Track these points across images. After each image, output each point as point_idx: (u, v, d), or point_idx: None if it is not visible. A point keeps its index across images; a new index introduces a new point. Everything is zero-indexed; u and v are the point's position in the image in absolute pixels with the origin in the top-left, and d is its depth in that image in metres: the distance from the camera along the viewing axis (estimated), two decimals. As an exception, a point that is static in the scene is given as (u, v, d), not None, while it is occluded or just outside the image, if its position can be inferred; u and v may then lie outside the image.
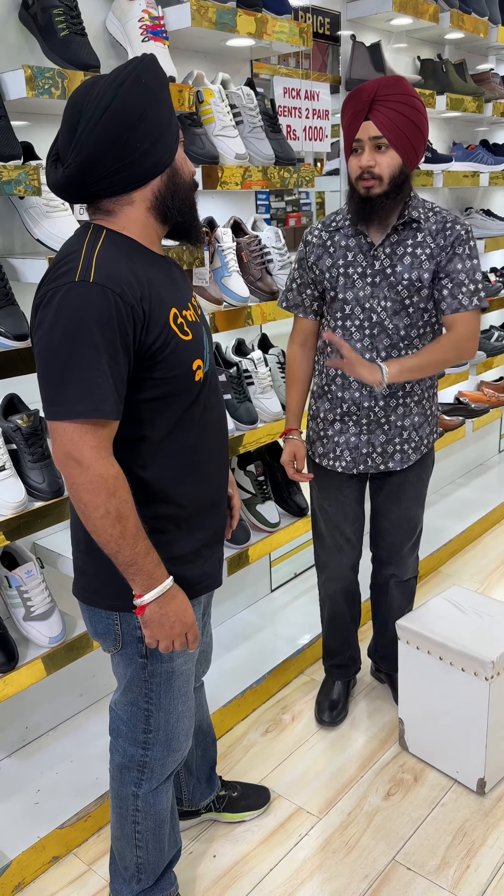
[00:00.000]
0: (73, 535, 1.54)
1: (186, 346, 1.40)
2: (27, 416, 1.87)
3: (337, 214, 2.08)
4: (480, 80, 3.54)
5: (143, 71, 1.31)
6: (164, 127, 1.34)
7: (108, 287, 1.27)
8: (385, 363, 1.95)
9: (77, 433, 1.27)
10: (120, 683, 1.59)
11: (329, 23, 2.88)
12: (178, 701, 1.58)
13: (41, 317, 1.30)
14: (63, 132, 1.33)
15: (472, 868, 1.92)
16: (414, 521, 2.31)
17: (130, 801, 1.63)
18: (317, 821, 2.09)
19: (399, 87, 1.87)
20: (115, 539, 1.32)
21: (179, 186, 1.40)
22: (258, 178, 2.27)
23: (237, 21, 2.10)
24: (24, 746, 2.25)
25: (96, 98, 1.28)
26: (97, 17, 2.02)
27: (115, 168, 1.31)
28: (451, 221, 2.00)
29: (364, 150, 1.90)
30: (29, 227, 1.85)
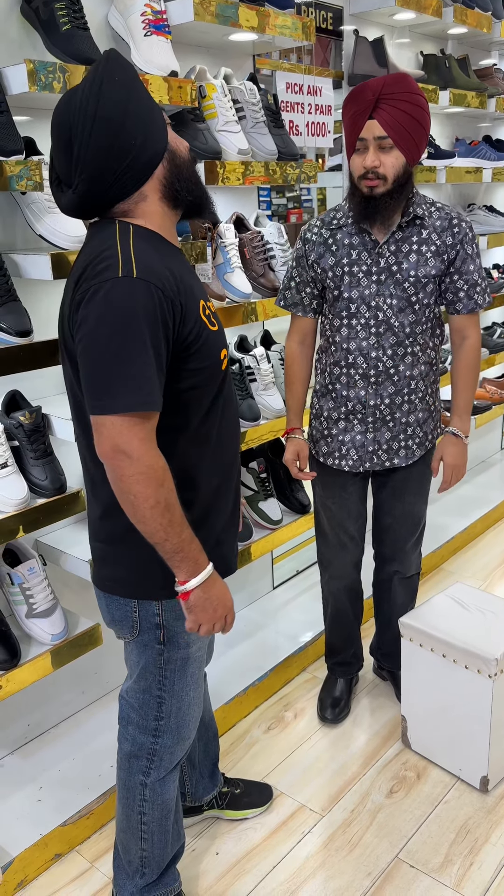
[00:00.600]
0: (93, 526, 1.55)
1: (215, 336, 1.45)
2: (29, 413, 1.87)
3: (336, 212, 2.06)
4: (483, 76, 3.53)
5: (113, 68, 1.32)
6: (149, 116, 1.35)
7: (151, 282, 1.30)
8: (453, 428, 2.16)
9: (126, 426, 1.29)
10: (132, 671, 1.61)
11: (332, 17, 2.86)
12: (190, 688, 1.61)
13: (85, 313, 1.30)
14: (59, 154, 1.34)
15: (476, 866, 1.92)
16: (417, 516, 2.30)
17: (138, 790, 1.65)
18: (319, 818, 2.08)
19: (404, 84, 1.84)
20: (164, 528, 1.34)
21: (181, 166, 1.41)
22: (260, 173, 2.26)
23: (240, 15, 2.09)
24: (27, 743, 2.24)
25: (79, 110, 1.29)
26: (99, 11, 2.01)
27: (120, 172, 1.33)
28: (455, 218, 2.01)
29: (368, 150, 1.88)
30: (31, 223, 1.84)
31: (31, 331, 1.78)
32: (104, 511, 1.47)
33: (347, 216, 2.02)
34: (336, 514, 2.26)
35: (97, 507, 1.50)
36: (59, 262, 1.76)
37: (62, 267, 1.77)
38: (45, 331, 2.04)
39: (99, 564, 1.56)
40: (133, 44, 1.96)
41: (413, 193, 1.99)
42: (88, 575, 1.98)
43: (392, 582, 2.39)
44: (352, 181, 1.97)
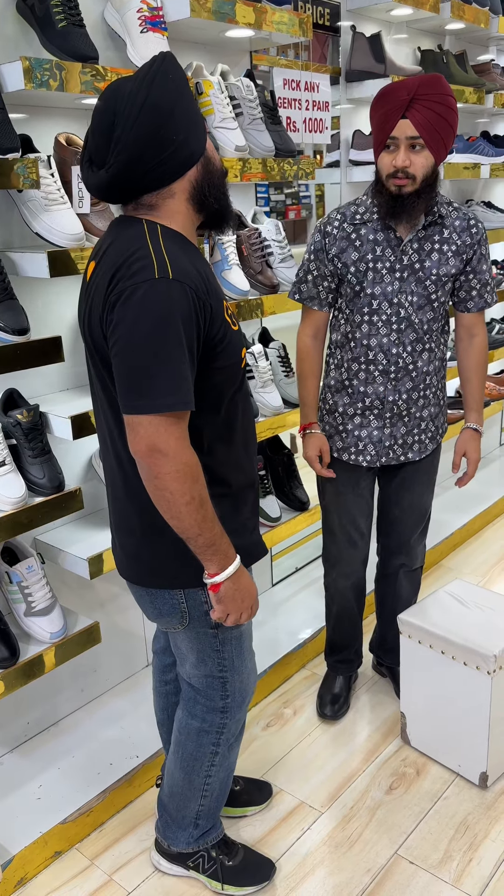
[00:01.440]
0: (122, 522, 1.57)
1: (237, 335, 1.49)
2: (27, 411, 1.86)
3: (358, 206, 2.04)
4: (481, 71, 3.52)
5: (168, 67, 1.35)
6: (193, 118, 1.39)
7: (186, 283, 1.33)
8: (473, 424, 2.23)
9: (164, 425, 1.32)
10: (187, 657, 1.66)
11: (329, 13, 2.86)
12: (247, 659, 1.71)
13: (122, 313, 1.32)
14: (96, 137, 1.36)
15: (475, 862, 1.92)
16: (424, 507, 2.33)
17: (207, 759, 1.75)
18: (319, 815, 2.09)
19: (438, 86, 1.85)
20: (198, 523, 1.38)
21: (213, 174, 1.45)
22: (258, 170, 2.25)
23: (236, 12, 2.08)
24: (26, 742, 2.25)
25: (129, 97, 1.31)
26: (95, 8, 2.00)
27: (155, 162, 1.35)
28: (473, 219, 2.06)
29: (399, 149, 1.88)
30: (28, 221, 1.83)
31: (28, 329, 1.77)
32: (142, 506, 1.48)
33: (371, 212, 2.01)
34: (349, 511, 2.26)
35: (133, 503, 1.51)
36: (56, 260, 1.76)
37: (59, 265, 1.76)
38: (42, 329, 2.04)
39: (135, 561, 1.58)
40: (129, 40, 1.95)
41: (437, 193, 2.01)
42: (87, 573, 1.98)
43: (398, 576, 2.41)
44: (378, 178, 1.97)
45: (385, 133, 1.88)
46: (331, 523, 2.31)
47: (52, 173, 1.81)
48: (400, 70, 2.90)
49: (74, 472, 2.21)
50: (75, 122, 2.03)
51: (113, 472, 1.55)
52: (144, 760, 2.17)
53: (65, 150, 1.87)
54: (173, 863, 1.88)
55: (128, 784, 2.13)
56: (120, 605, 2.43)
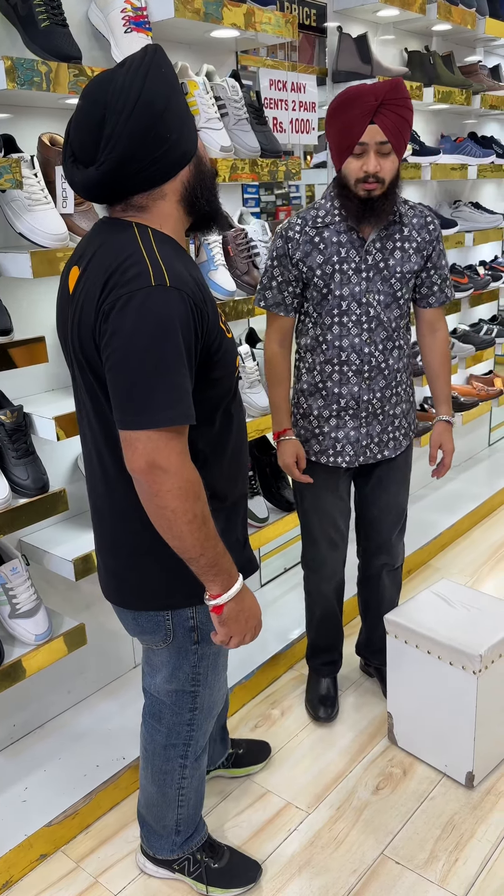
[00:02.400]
0: (106, 543, 1.52)
1: (231, 343, 1.45)
2: (11, 412, 1.86)
3: (317, 210, 2.04)
4: (468, 72, 3.53)
5: (160, 60, 1.29)
6: (185, 115, 1.33)
7: (184, 291, 1.27)
8: (445, 416, 2.28)
9: (164, 440, 1.25)
10: (159, 670, 1.63)
11: (315, 14, 2.86)
12: (220, 674, 1.70)
13: (118, 323, 1.24)
14: (81, 132, 1.28)
15: (461, 861, 1.92)
16: (402, 505, 2.34)
17: (177, 771, 1.74)
18: (305, 815, 2.08)
19: (403, 90, 1.87)
20: (200, 542, 1.32)
21: (205, 174, 1.39)
22: (246, 171, 2.25)
23: (222, 12, 2.08)
24: (12, 744, 2.23)
25: (121, 91, 1.24)
26: (79, 7, 2.00)
27: (148, 161, 1.28)
28: (429, 216, 2.10)
29: (369, 154, 1.89)
30: (11, 221, 1.83)
31: (11, 329, 1.77)
32: (129, 527, 1.44)
33: (332, 214, 2.02)
34: (329, 513, 2.26)
35: (120, 523, 1.46)
36: (40, 260, 1.75)
37: (42, 265, 1.76)
38: (25, 329, 2.03)
39: (119, 583, 1.53)
40: (113, 40, 1.95)
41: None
42: (72, 574, 1.98)
43: (381, 576, 2.41)
44: (342, 184, 1.96)
45: (353, 138, 1.87)
46: (311, 527, 2.30)
47: (36, 173, 1.80)
48: (387, 71, 2.91)
49: (59, 473, 2.20)
50: (59, 122, 2.02)
51: (97, 490, 1.48)
52: (131, 762, 2.16)
53: (48, 150, 1.86)
54: (159, 866, 1.88)
55: (114, 786, 2.12)
56: (106, 607, 2.42)
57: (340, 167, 1.95)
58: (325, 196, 2.05)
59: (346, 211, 1.98)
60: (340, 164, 1.95)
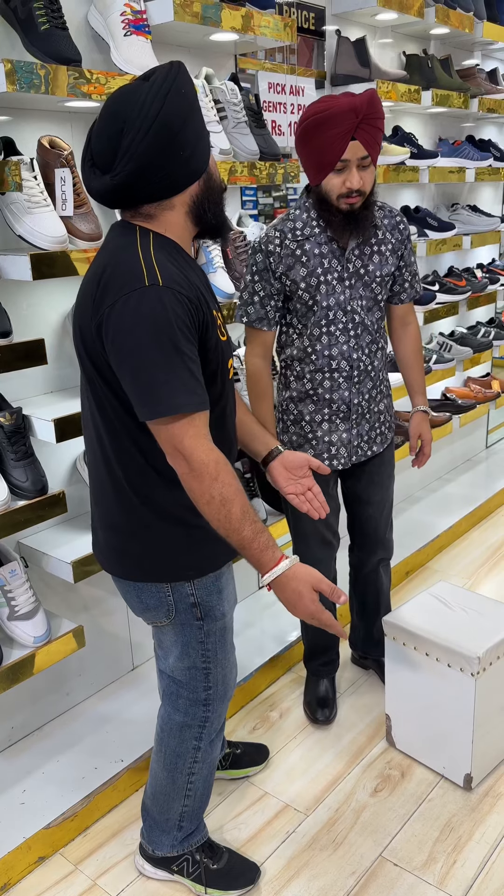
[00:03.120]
0: (106, 518, 1.58)
1: (225, 345, 1.51)
2: (10, 414, 1.86)
3: (294, 222, 2.02)
4: (466, 76, 3.54)
5: (182, 81, 1.36)
6: (200, 133, 1.41)
7: (177, 289, 1.34)
8: (422, 407, 2.36)
9: (177, 427, 1.34)
10: (171, 651, 1.67)
11: (314, 17, 2.87)
12: (229, 652, 1.72)
13: (117, 324, 1.33)
14: (102, 140, 1.36)
15: (459, 863, 1.93)
16: (391, 498, 2.41)
17: (191, 754, 1.76)
18: (304, 818, 2.09)
19: (377, 103, 1.88)
20: (222, 524, 1.39)
21: (214, 190, 1.47)
22: (245, 174, 2.26)
23: (221, 15, 2.09)
24: (10, 746, 2.23)
25: (141, 108, 1.32)
26: (79, 10, 2.00)
27: (160, 176, 1.36)
28: (398, 215, 2.15)
29: (352, 170, 1.91)
30: (10, 223, 1.83)
31: (10, 331, 1.77)
32: (131, 503, 1.49)
33: (310, 227, 2.02)
34: None
35: (122, 499, 1.52)
36: (39, 262, 1.76)
37: (42, 268, 1.76)
38: (25, 331, 2.03)
39: (120, 556, 1.59)
40: (113, 43, 1.95)
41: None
42: (71, 577, 1.98)
43: (378, 571, 2.47)
44: (321, 199, 1.97)
45: (335, 155, 1.88)
46: (304, 528, 2.30)
47: (35, 176, 1.80)
48: (385, 74, 2.92)
49: (58, 476, 2.20)
50: (58, 125, 2.03)
51: (99, 470, 1.55)
52: (129, 764, 2.16)
53: (48, 152, 1.87)
54: (157, 867, 1.88)
55: (113, 788, 2.12)
56: (105, 609, 2.43)
57: (319, 182, 1.95)
58: (299, 206, 2.04)
59: (330, 225, 1.99)
60: (319, 180, 1.94)
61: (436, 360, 3.49)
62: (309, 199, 2.02)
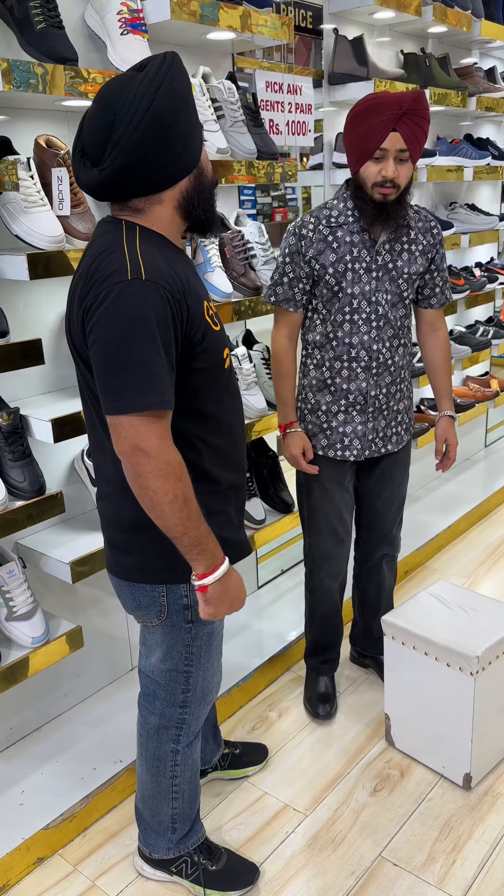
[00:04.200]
0: (111, 517, 1.58)
1: (218, 335, 1.50)
2: (7, 415, 1.85)
3: (330, 210, 2.09)
4: (464, 75, 3.54)
5: (175, 74, 1.35)
6: (192, 129, 1.39)
7: (160, 284, 1.33)
8: (449, 412, 2.36)
9: (143, 424, 1.33)
10: (153, 651, 1.67)
11: (311, 16, 2.86)
12: (214, 658, 1.71)
13: (97, 317, 1.33)
14: (93, 131, 1.35)
15: (459, 863, 1.92)
16: (402, 496, 2.42)
17: (170, 757, 1.75)
18: (303, 818, 2.08)
19: (424, 102, 1.94)
20: (182, 522, 1.39)
21: (204, 185, 1.46)
22: (242, 173, 2.25)
23: (218, 14, 2.08)
24: (9, 747, 2.23)
25: (132, 101, 1.30)
26: (75, 9, 1.99)
27: (150, 171, 1.36)
28: (432, 220, 2.18)
29: (388, 160, 1.95)
30: (7, 223, 1.82)
31: (7, 331, 1.77)
32: (132, 501, 1.48)
33: (345, 215, 2.07)
34: (337, 507, 2.29)
35: (124, 498, 1.51)
36: (36, 262, 1.75)
37: (39, 267, 1.76)
38: (22, 331, 2.03)
39: (120, 554, 1.59)
40: (109, 42, 1.94)
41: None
42: (69, 577, 1.97)
43: (381, 566, 2.48)
44: (358, 186, 2.02)
45: (374, 144, 1.94)
46: (318, 522, 2.32)
47: (32, 175, 1.80)
48: (382, 73, 2.91)
49: (56, 476, 2.20)
50: (55, 124, 2.02)
51: (104, 469, 1.56)
52: (128, 765, 2.16)
53: (45, 152, 1.86)
54: (156, 868, 1.87)
55: (111, 789, 2.12)
56: (103, 609, 2.42)
57: (358, 170, 2.01)
58: (337, 197, 2.11)
59: (361, 213, 2.04)
60: (358, 167, 2.00)
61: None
62: (348, 190, 2.08)
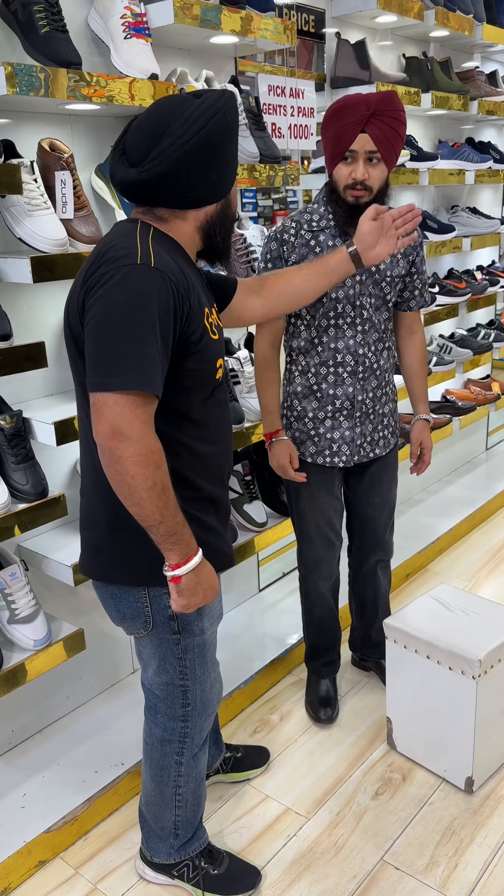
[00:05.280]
0: (87, 516, 1.57)
1: (215, 343, 1.51)
2: (10, 417, 1.85)
3: (311, 214, 2.08)
4: (465, 78, 3.54)
5: (230, 108, 1.42)
6: (231, 162, 1.47)
7: (167, 273, 1.35)
8: (425, 415, 2.36)
9: (129, 406, 1.31)
10: (149, 663, 1.66)
11: (314, 20, 2.87)
12: (210, 669, 1.69)
13: (100, 293, 1.33)
14: (140, 135, 1.41)
15: (461, 867, 1.92)
16: (393, 501, 2.42)
17: (173, 769, 1.74)
18: (305, 821, 2.08)
19: (394, 102, 1.92)
20: (159, 510, 1.37)
21: (228, 217, 1.52)
22: (244, 176, 2.25)
23: (221, 18, 2.08)
24: (10, 750, 2.23)
25: (187, 119, 1.37)
26: (79, 13, 2.00)
27: (184, 187, 1.42)
28: None
29: (357, 162, 1.95)
30: (10, 226, 1.83)
31: (11, 334, 1.77)
32: (106, 499, 1.47)
33: (326, 219, 2.06)
34: (325, 513, 2.28)
35: (101, 496, 1.50)
36: (39, 265, 1.75)
37: (42, 270, 1.76)
38: (25, 334, 2.03)
39: (94, 554, 1.57)
40: (113, 46, 1.95)
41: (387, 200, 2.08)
42: (71, 580, 1.97)
43: (376, 571, 2.47)
44: (333, 189, 2.02)
45: (343, 146, 1.93)
46: (307, 528, 2.31)
47: (36, 179, 1.80)
48: (385, 77, 2.92)
49: (58, 479, 2.20)
50: (59, 128, 2.03)
51: (85, 466, 1.55)
52: (129, 768, 2.16)
53: (48, 155, 1.87)
54: (158, 872, 1.87)
55: (113, 792, 2.11)
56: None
57: (332, 172, 2.01)
58: (317, 201, 2.10)
59: (335, 216, 2.04)
60: (332, 169, 2.01)
61: (436, 363, 3.48)
62: (326, 193, 2.07)
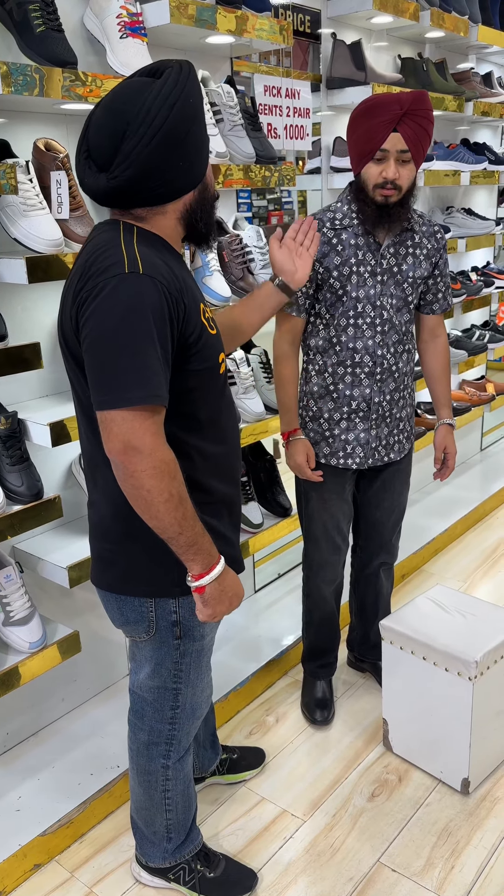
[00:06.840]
0: (98, 527, 1.55)
1: (214, 339, 1.48)
2: (5, 418, 1.84)
3: (334, 213, 2.07)
4: (461, 79, 3.55)
5: (191, 88, 1.34)
6: (202, 143, 1.40)
7: (157, 279, 1.32)
8: (448, 420, 2.33)
9: (138, 420, 1.29)
10: (142, 667, 1.64)
11: (310, 21, 2.86)
12: (204, 674, 1.68)
13: (92, 309, 1.30)
14: (102, 136, 1.34)
15: (457, 868, 1.92)
16: (403, 506, 2.40)
17: (160, 773, 1.73)
18: (301, 823, 2.08)
19: (426, 102, 1.92)
20: (178, 521, 1.35)
21: (207, 200, 1.47)
22: (239, 176, 2.25)
23: (217, 18, 2.08)
24: (5, 752, 2.22)
25: (146, 114, 1.30)
26: (74, 12, 1.99)
27: (159, 183, 1.36)
28: (435, 225, 2.18)
29: (389, 161, 1.94)
30: (5, 227, 1.82)
31: (5, 335, 1.76)
32: (115, 510, 1.46)
33: (350, 217, 2.05)
34: (334, 516, 2.27)
35: (107, 507, 1.49)
36: (35, 265, 1.74)
37: (38, 271, 1.75)
38: (20, 335, 2.02)
39: (106, 566, 1.55)
40: (108, 46, 1.94)
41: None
42: (66, 582, 1.96)
43: (378, 573, 2.47)
44: (360, 187, 2.01)
45: (375, 144, 1.92)
46: (315, 530, 2.31)
47: (31, 178, 1.79)
48: (380, 78, 2.92)
49: (53, 480, 2.19)
50: (54, 128, 2.02)
51: (91, 478, 1.53)
52: (124, 770, 2.15)
53: (44, 155, 1.86)
54: (154, 875, 1.86)
55: (109, 794, 2.11)
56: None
57: (359, 171, 2.00)
58: (341, 199, 2.09)
59: (363, 215, 2.02)
60: (360, 168, 1.99)
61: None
62: (352, 192, 2.06)
